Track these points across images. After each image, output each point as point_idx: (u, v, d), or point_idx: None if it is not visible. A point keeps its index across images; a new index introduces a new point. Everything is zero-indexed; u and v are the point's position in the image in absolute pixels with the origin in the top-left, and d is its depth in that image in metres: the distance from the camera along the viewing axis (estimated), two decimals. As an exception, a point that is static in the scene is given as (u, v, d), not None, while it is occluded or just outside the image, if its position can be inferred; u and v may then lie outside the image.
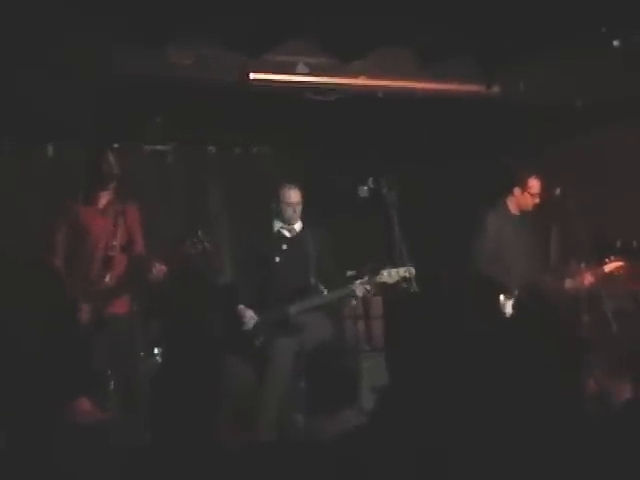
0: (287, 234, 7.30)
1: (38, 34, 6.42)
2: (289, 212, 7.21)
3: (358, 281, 7.03)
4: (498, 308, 7.44)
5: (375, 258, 7.09)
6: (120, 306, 6.52)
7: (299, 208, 7.25)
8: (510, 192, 7.93)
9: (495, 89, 8.22)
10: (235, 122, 8.27)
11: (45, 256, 6.49)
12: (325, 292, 7.16)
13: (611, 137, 8.47)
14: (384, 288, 7.24)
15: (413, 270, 6.95)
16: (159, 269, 6.35)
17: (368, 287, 7.04)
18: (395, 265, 7.00)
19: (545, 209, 7.96)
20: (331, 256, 7.24)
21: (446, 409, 2.89)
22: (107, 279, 6.46)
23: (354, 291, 7.05)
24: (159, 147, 8.83)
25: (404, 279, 6.98)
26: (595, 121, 8.32)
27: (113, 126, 7.71)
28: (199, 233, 6.48)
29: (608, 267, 7.53)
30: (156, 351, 7.66)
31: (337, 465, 2.88)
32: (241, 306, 7.12)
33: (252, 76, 7.52)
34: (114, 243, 6.51)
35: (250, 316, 7.11)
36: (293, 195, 7.23)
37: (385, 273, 6.99)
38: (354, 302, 8.47)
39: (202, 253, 6.52)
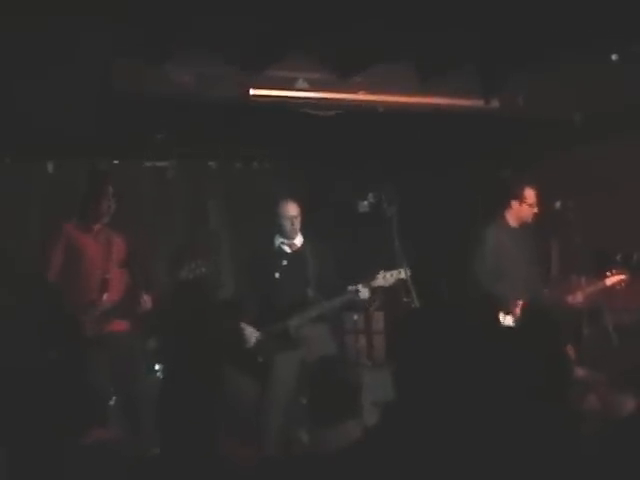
0: (287, 249, 7.31)
1: (38, 50, 6.43)
2: (288, 225, 7.22)
3: (354, 286, 7.03)
4: (498, 322, 7.43)
5: (375, 271, 7.10)
6: (120, 324, 6.55)
7: (298, 221, 7.25)
8: (508, 205, 7.94)
9: (494, 103, 8.23)
10: (235, 137, 8.28)
11: (42, 272, 6.51)
12: (326, 302, 7.16)
13: (611, 149, 8.48)
14: (382, 292, 7.26)
15: (408, 271, 6.96)
16: (146, 300, 6.45)
17: (367, 291, 7.04)
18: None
19: (545, 222, 7.97)
20: (332, 270, 7.24)
21: (448, 423, 2.89)
22: (105, 298, 6.50)
23: (352, 296, 7.06)
24: (159, 163, 8.84)
25: (400, 281, 6.99)
26: (595, 134, 8.33)
27: (113, 143, 7.73)
28: (197, 261, 6.54)
29: (610, 280, 7.52)
30: (157, 367, 7.66)
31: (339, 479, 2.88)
32: (242, 324, 7.12)
33: (252, 92, 7.53)
34: (109, 265, 6.58)
35: (251, 332, 7.12)
36: (291, 208, 7.24)
37: (380, 276, 7.01)
38: (356, 317, 8.50)
39: (200, 278, 6.58)
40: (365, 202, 7.38)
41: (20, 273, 7.49)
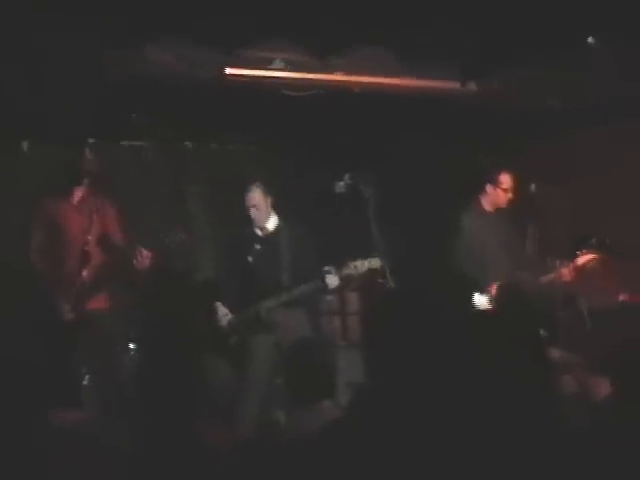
0: (260, 233, 7.32)
1: (13, 30, 6.38)
2: (251, 213, 7.24)
3: (327, 274, 7.03)
4: (474, 305, 7.47)
5: (351, 253, 7.10)
6: (99, 301, 6.53)
7: (262, 209, 7.25)
8: (483, 190, 7.96)
9: (471, 87, 8.24)
10: (212, 118, 8.26)
11: (22, 252, 6.49)
12: (295, 287, 7.16)
13: (587, 135, 8.52)
14: (354, 280, 7.27)
15: (380, 262, 6.95)
16: (145, 255, 6.36)
17: (337, 279, 7.04)
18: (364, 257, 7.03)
19: (521, 206, 8.00)
20: (307, 253, 7.24)
21: (423, 403, 2.90)
22: (84, 274, 6.48)
23: (324, 283, 7.06)
24: (136, 143, 8.81)
25: (372, 270, 6.99)
26: (571, 119, 8.36)
27: (90, 122, 7.68)
28: (176, 226, 6.51)
29: (581, 260, 7.56)
30: (131, 347, 7.64)
31: (314, 460, 2.89)
32: (217, 303, 7.15)
33: (228, 71, 7.51)
34: (89, 238, 6.53)
35: (224, 313, 7.14)
36: (251, 197, 7.25)
37: (352, 265, 7.00)
38: (331, 297, 8.51)
39: (180, 246, 6.53)
40: (341, 183, 7.36)
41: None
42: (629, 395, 3.39)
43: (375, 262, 6.95)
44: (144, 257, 6.39)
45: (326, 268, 7.01)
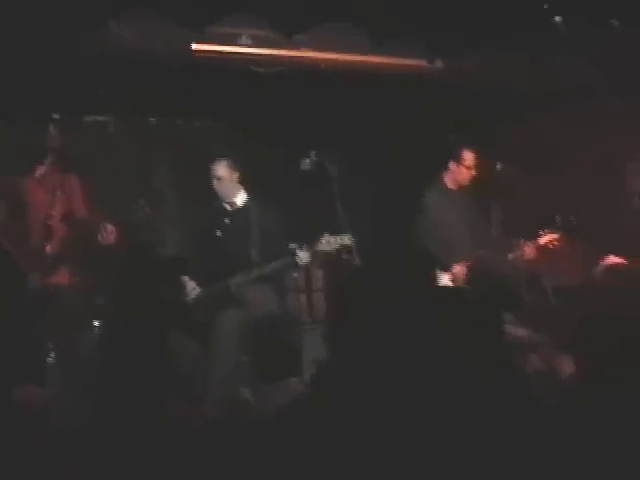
0: (228, 207, 7.31)
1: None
2: (217, 186, 7.22)
3: (297, 250, 7.02)
4: (438, 283, 7.50)
5: (318, 231, 7.09)
6: (63, 277, 6.51)
7: (227, 183, 7.25)
8: (446, 167, 7.98)
9: (438, 65, 8.23)
10: (178, 94, 8.20)
11: None
12: (266, 264, 7.15)
13: (553, 116, 8.55)
14: (324, 257, 7.26)
15: (352, 238, 6.96)
16: (109, 230, 6.36)
17: (308, 256, 7.03)
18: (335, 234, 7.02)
19: (485, 185, 8.03)
20: (275, 229, 7.23)
21: (386, 379, 2.91)
22: (48, 249, 6.45)
23: (294, 260, 7.05)
24: (101, 118, 8.74)
25: (344, 247, 6.99)
26: (537, 100, 8.38)
27: (55, 98, 7.61)
28: (140, 202, 6.49)
29: (543, 239, 7.60)
30: (96, 324, 7.60)
31: (280, 436, 2.89)
32: (185, 277, 7.13)
33: (194, 47, 7.47)
34: (53, 213, 6.51)
35: (192, 287, 7.13)
36: (218, 169, 7.24)
37: (324, 241, 6.98)
38: (296, 274, 8.50)
39: (145, 220, 6.52)
40: (307, 160, 7.35)
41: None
42: (593, 372, 3.42)
43: (347, 238, 6.96)
44: (109, 232, 6.38)
45: (297, 244, 7.00)
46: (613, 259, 6.98)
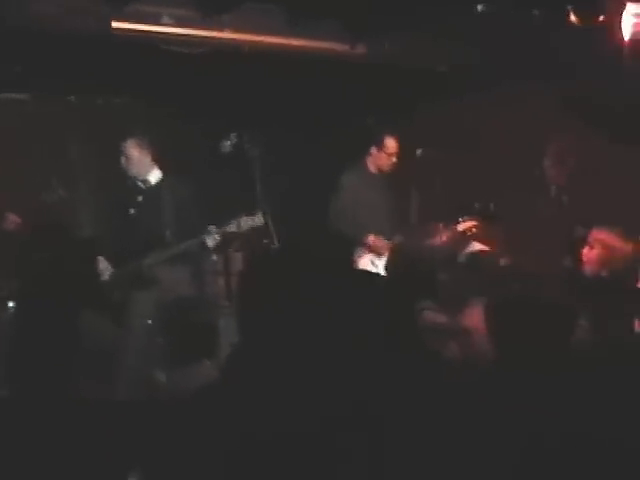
0: (142, 186, 7.25)
1: None
2: (127, 164, 7.18)
3: (208, 231, 6.97)
4: (354, 266, 7.53)
5: (237, 212, 7.06)
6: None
7: (136, 160, 7.20)
8: (368, 152, 8.03)
9: (360, 49, 8.23)
10: (97, 72, 8.09)
11: None
12: (178, 244, 7.09)
13: (474, 102, 8.60)
14: (235, 238, 7.23)
15: (263, 219, 6.92)
16: (12, 220, 6.27)
17: (217, 236, 6.98)
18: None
19: (406, 170, 8.08)
20: (191, 209, 7.18)
21: (302, 363, 2.90)
22: None
23: (204, 241, 6.99)
24: (17, 95, 8.60)
25: (256, 228, 6.97)
26: (459, 85, 8.42)
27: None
28: (54, 182, 6.39)
29: (462, 226, 7.67)
30: (10, 305, 7.48)
31: (192, 419, 2.87)
32: (99, 257, 7.05)
33: (114, 25, 7.36)
34: None
35: (105, 267, 7.05)
36: (127, 148, 7.20)
37: (234, 222, 6.95)
38: (215, 257, 8.46)
39: (58, 202, 6.43)
40: (227, 142, 7.32)
41: None
42: (511, 356, 3.47)
43: (258, 219, 6.93)
44: (11, 222, 6.31)
45: (208, 226, 6.96)
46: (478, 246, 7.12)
